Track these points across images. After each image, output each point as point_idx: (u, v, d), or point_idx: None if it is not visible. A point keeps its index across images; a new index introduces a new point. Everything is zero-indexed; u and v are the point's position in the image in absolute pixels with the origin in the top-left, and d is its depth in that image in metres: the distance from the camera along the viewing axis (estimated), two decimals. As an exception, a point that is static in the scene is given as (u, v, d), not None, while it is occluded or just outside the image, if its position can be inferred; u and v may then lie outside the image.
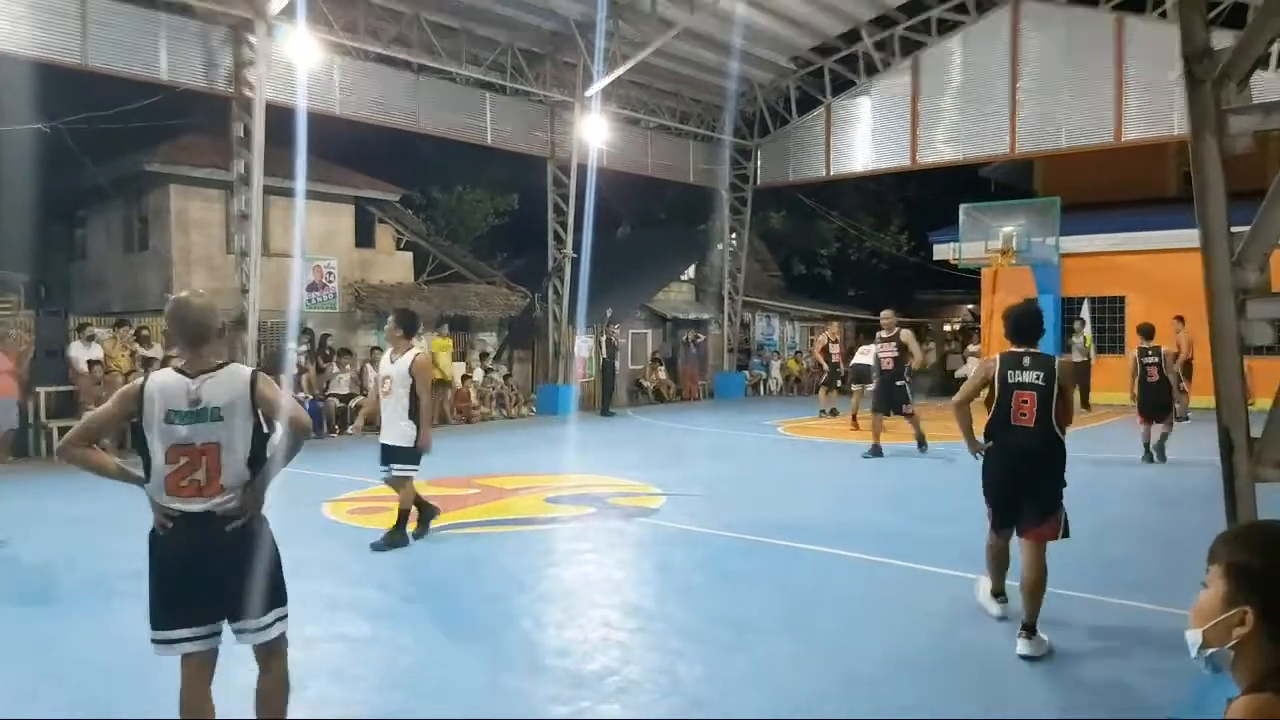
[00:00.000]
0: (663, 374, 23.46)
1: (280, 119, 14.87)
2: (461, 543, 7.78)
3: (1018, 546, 5.24)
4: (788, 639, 5.25)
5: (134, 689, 4.43)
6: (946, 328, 33.91)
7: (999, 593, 5.60)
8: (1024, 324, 5.38)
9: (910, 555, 7.01)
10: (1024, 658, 4.90)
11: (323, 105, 15.82)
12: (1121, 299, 21.74)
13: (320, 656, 4.92)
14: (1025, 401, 5.17)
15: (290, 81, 14.86)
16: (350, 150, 19.72)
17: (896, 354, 12.60)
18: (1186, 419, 17.43)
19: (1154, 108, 18.46)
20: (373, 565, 6.97)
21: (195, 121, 17.21)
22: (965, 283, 28.08)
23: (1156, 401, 11.91)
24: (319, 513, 8.91)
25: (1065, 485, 5.17)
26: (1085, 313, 21.45)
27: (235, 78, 14.63)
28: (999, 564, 5.53)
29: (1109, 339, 21.81)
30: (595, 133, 19.08)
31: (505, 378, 20.00)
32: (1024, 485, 5.18)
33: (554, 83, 19.13)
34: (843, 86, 22.34)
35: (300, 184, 15.46)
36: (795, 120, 23.15)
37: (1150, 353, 11.89)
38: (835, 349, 18.66)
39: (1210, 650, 1.60)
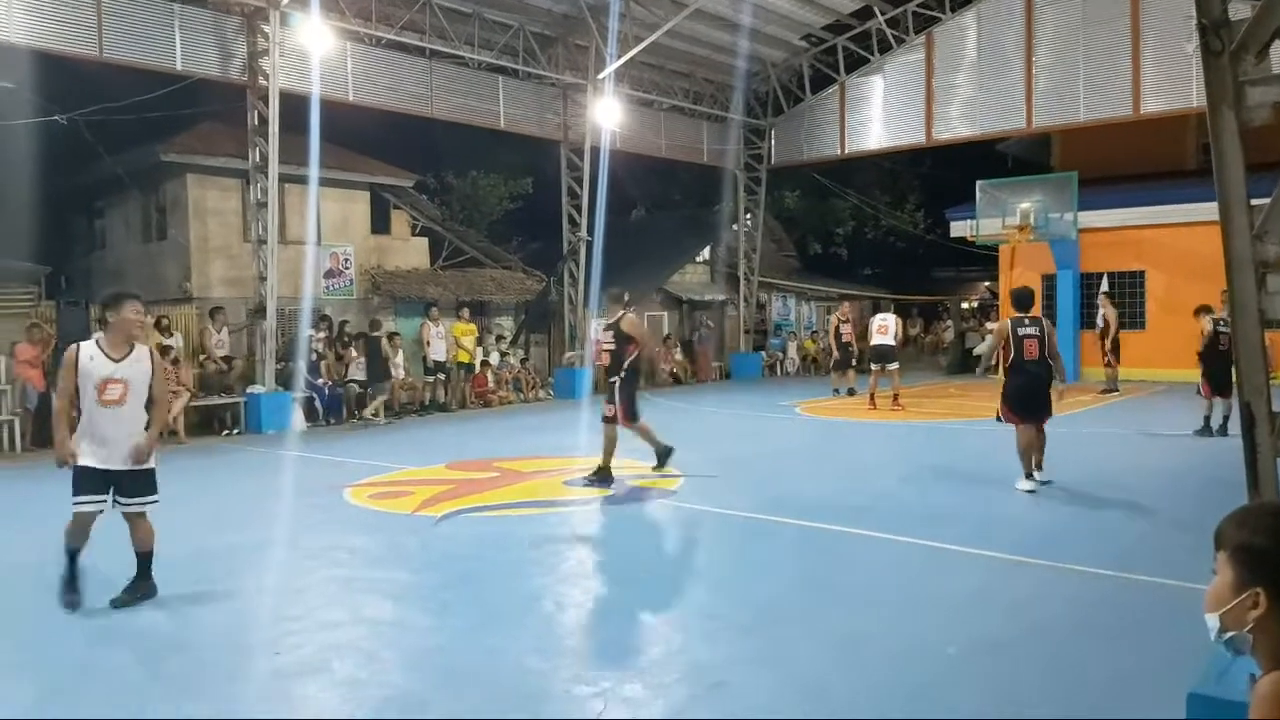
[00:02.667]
0: (678, 356, 23.45)
1: (295, 107, 14.91)
2: (482, 525, 7.84)
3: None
4: (807, 619, 5.28)
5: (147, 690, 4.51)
6: (964, 305, 33.76)
7: (1030, 474, 8.55)
8: (1023, 299, 8.91)
9: (925, 533, 7.02)
10: (1043, 483, 8.58)
11: (336, 92, 15.84)
12: (1141, 274, 21.56)
13: (346, 638, 4.99)
14: (1031, 346, 8.50)
15: (304, 69, 14.89)
16: (364, 137, 19.74)
17: (614, 345, 9.59)
18: (1116, 390, 17.57)
19: (1172, 79, 18.25)
20: (395, 549, 7.04)
21: (211, 111, 17.28)
22: (983, 260, 27.93)
23: (1227, 373, 11.79)
24: (341, 498, 8.98)
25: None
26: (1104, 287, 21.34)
27: (250, 67, 14.67)
28: (1029, 452, 8.57)
29: (1129, 314, 21.65)
30: (608, 115, 19.02)
31: (522, 361, 20.06)
32: (1035, 396, 8.55)
33: (566, 65, 19.10)
34: (856, 64, 22.17)
35: (315, 171, 15.52)
36: (809, 99, 23.01)
37: (1223, 323, 11.75)
38: (846, 329, 18.52)
39: (1229, 634, 1.60)
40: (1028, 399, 8.52)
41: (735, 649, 4.78)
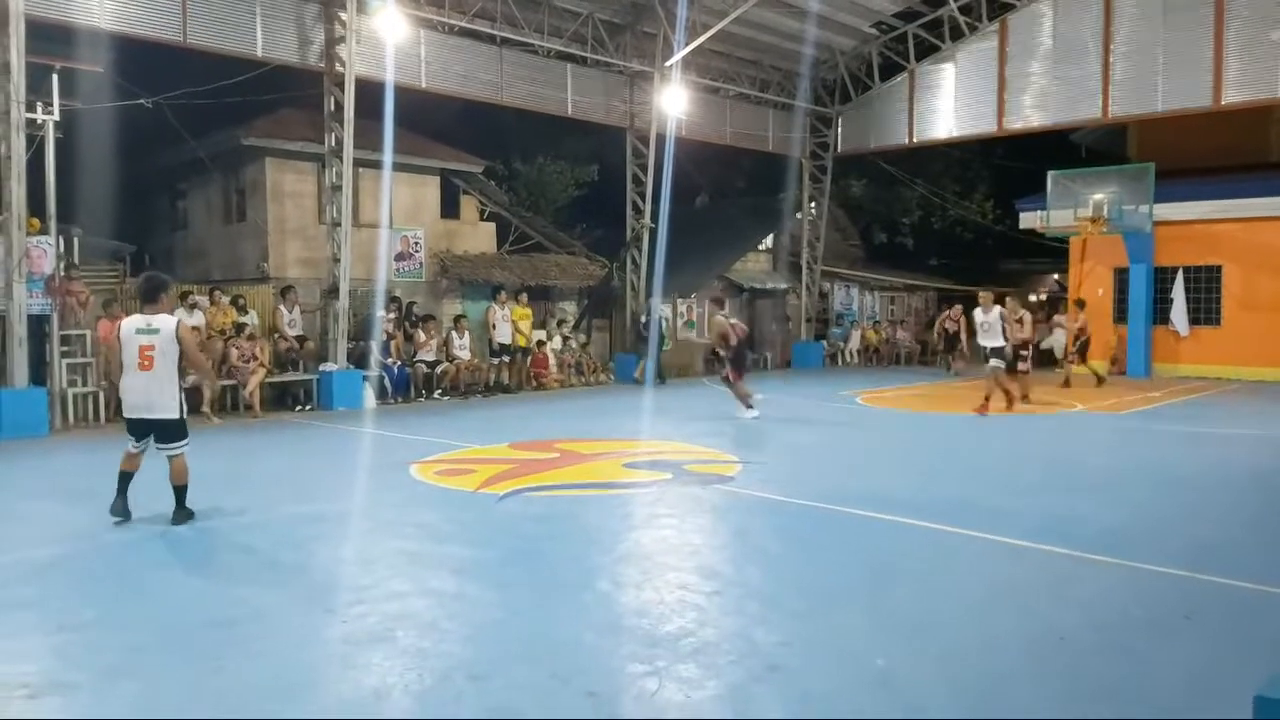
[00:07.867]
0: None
1: (369, 93, 15.26)
2: (543, 505, 8.01)
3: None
4: (863, 607, 5.30)
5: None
6: (1032, 298, 33.08)
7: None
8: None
9: (989, 527, 6.97)
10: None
11: (410, 79, 16.16)
12: (1218, 268, 20.97)
13: (410, 609, 5.18)
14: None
15: (379, 56, 15.22)
16: (435, 123, 20.08)
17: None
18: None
19: (1255, 69, 17.68)
20: (459, 525, 7.25)
21: (289, 96, 17.70)
22: (1052, 252, 27.38)
23: None
24: (408, 474, 9.24)
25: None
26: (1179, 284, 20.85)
27: (327, 54, 15.04)
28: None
29: (1205, 310, 21.09)
30: (674, 102, 19.06)
31: (583, 346, 20.26)
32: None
33: (634, 53, 19.17)
34: (927, 51, 21.87)
35: (388, 156, 15.86)
36: (878, 87, 22.76)
37: None
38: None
39: None
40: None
41: (791, 633, 4.81)
